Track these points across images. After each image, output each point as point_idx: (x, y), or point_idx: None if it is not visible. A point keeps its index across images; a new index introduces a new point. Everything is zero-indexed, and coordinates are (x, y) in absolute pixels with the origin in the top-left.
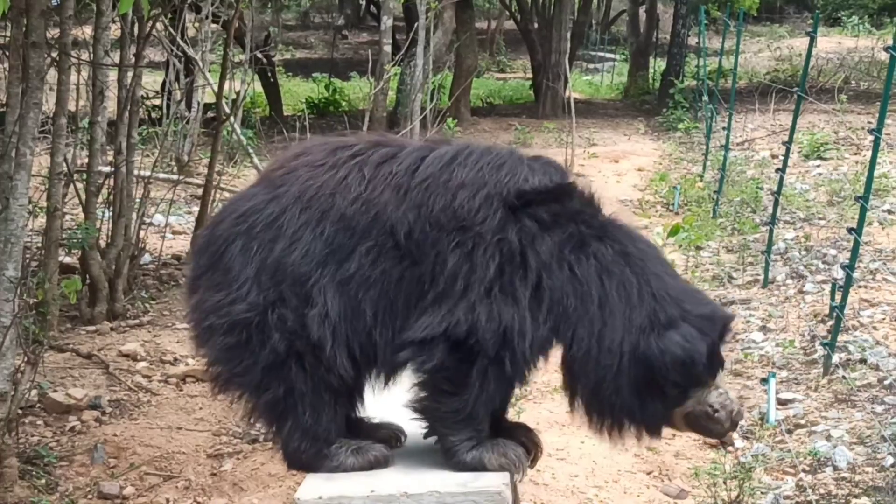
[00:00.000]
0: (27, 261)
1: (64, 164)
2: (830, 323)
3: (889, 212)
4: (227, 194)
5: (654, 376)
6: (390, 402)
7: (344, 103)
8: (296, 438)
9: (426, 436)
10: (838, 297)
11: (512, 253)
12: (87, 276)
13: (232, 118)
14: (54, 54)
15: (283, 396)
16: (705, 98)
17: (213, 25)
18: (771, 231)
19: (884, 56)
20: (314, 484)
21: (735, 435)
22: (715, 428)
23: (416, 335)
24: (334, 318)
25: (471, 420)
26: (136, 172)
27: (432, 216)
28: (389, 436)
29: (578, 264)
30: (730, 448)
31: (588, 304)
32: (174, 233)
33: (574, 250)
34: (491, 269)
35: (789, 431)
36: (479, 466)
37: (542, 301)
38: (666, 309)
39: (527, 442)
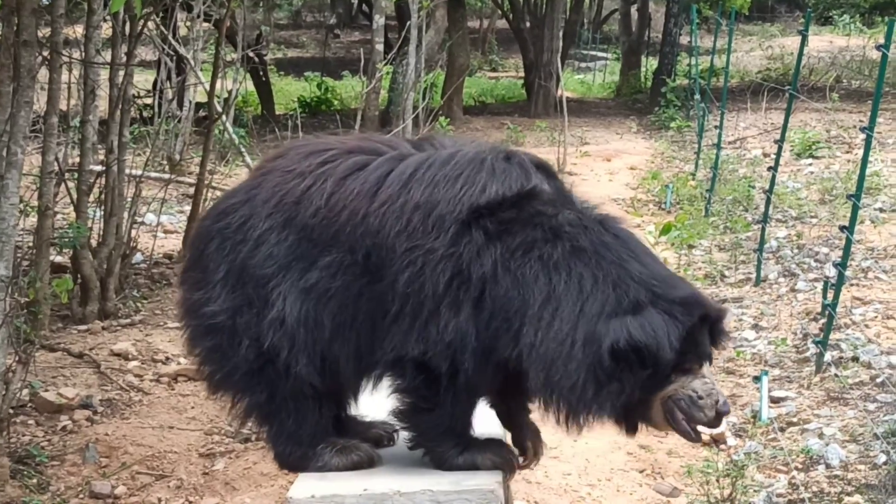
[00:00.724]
0: (18, 260)
1: (55, 163)
2: (822, 321)
3: (881, 210)
4: (218, 193)
5: (611, 361)
6: (384, 400)
7: (336, 102)
8: (281, 441)
9: (412, 448)
10: (830, 296)
11: (460, 267)
12: (79, 276)
13: (224, 117)
14: (45, 53)
15: (265, 401)
16: (697, 97)
17: (205, 24)
18: (763, 229)
19: (875, 55)
20: (307, 483)
21: (728, 433)
22: (697, 415)
23: (387, 357)
24: (291, 325)
25: (452, 430)
26: (127, 171)
27: (388, 241)
28: (381, 435)
29: (522, 268)
30: (722, 446)
31: (530, 303)
32: (166, 232)
33: (521, 255)
34: (440, 286)
35: (782, 429)
36: (472, 468)
37: (483, 310)
38: (629, 294)
39: (535, 443)
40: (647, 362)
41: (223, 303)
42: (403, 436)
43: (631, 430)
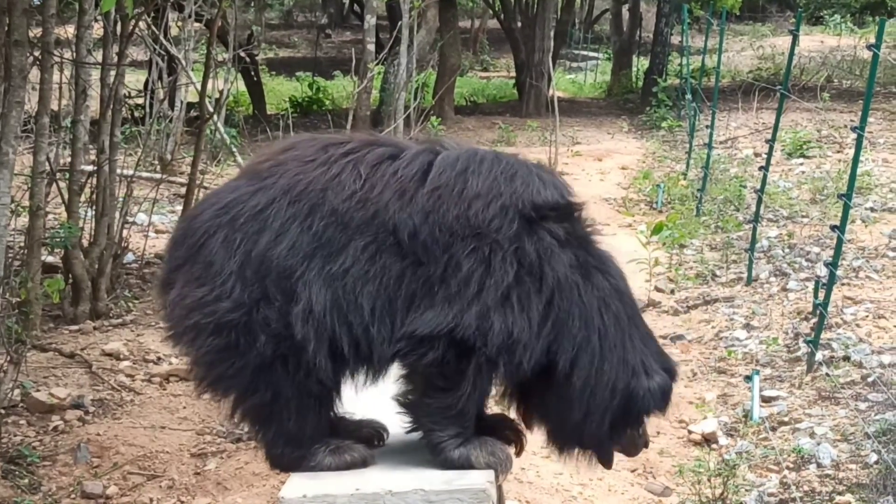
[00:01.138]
0: (9, 260)
1: (46, 163)
2: (814, 320)
3: (872, 209)
4: (210, 191)
5: (630, 415)
6: (372, 399)
7: (327, 102)
8: (279, 444)
9: (410, 430)
10: (822, 295)
11: (531, 264)
12: (70, 276)
13: (215, 117)
14: (37, 53)
15: (270, 401)
16: (688, 96)
17: (196, 24)
18: (754, 229)
19: (866, 54)
20: (298, 482)
21: (719, 433)
22: (637, 450)
23: (422, 330)
24: (319, 314)
25: (460, 417)
26: (118, 171)
27: (444, 223)
28: (371, 434)
29: (584, 290)
30: (714, 446)
31: (591, 334)
32: (157, 232)
33: (581, 275)
34: (510, 276)
35: (773, 429)
36: (465, 464)
37: (548, 317)
38: (647, 353)
39: (510, 434)
40: (647, 416)
41: (238, 298)
42: (401, 423)
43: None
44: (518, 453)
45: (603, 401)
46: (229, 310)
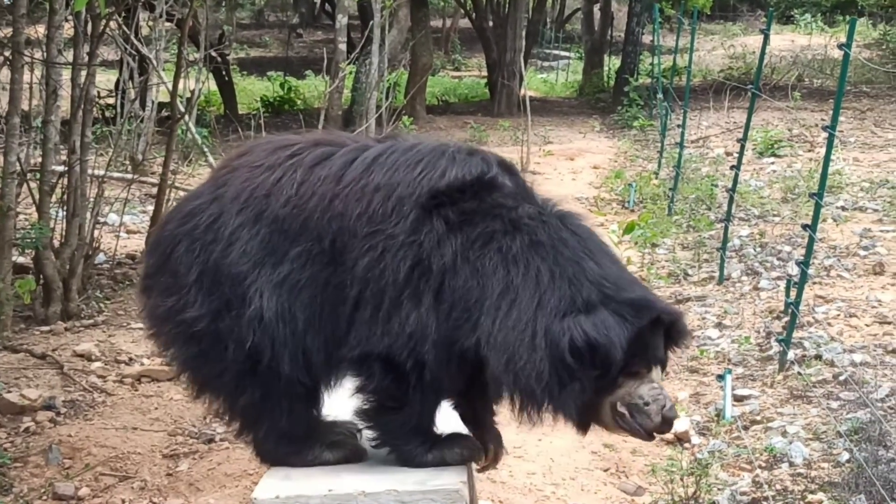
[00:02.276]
0: None
1: (17, 164)
2: (786, 319)
3: (843, 208)
4: (181, 193)
5: (571, 359)
6: (343, 400)
7: (299, 102)
8: (272, 440)
9: (377, 447)
10: (793, 294)
11: (421, 257)
12: (41, 276)
13: (186, 117)
14: (7, 53)
15: (259, 400)
16: (660, 96)
17: (168, 24)
18: (726, 228)
19: (837, 54)
20: (271, 483)
21: (692, 432)
22: (644, 422)
23: (353, 353)
24: (270, 321)
25: (419, 428)
26: (90, 172)
27: (350, 225)
28: (345, 434)
29: (481, 259)
30: (686, 445)
31: (488, 294)
32: (129, 232)
33: (480, 247)
34: (401, 274)
35: (745, 428)
36: (441, 463)
37: (443, 301)
38: (583, 293)
39: (496, 448)
40: (598, 363)
41: (201, 307)
42: (367, 435)
43: (582, 429)
44: (495, 462)
45: (517, 340)
46: (196, 319)
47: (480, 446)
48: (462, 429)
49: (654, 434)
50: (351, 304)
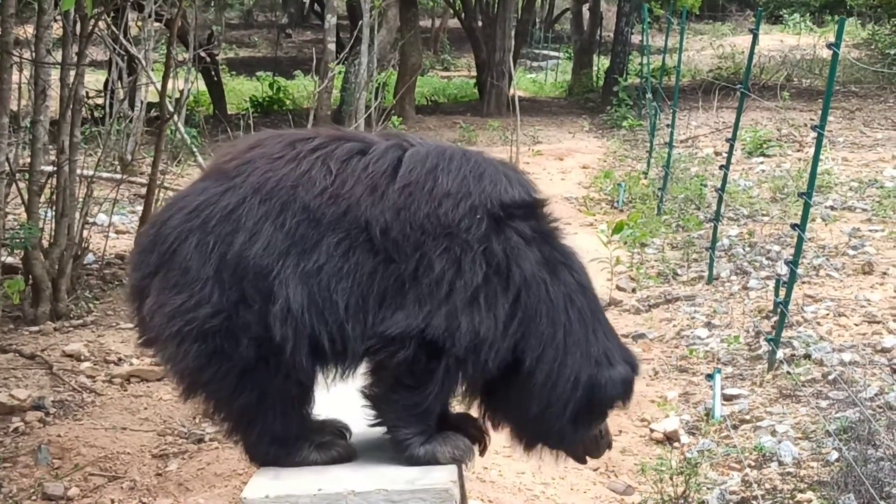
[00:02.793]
0: None
1: (6, 164)
2: (775, 319)
3: (832, 208)
4: (171, 193)
5: (594, 406)
6: (334, 399)
7: (288, 102)
8: (265, 442)
9: (374, 425)
10: (782, 293)
11: (498, 264)
12: (30, 277)
13: (175, 117)
14: None
15: (256, 402)
16: (649, 96)
17: (156, 24)
18: (715, 228)
19: (825, 53)
20: (261, 482)
21: (681, 431)
22: (599, 451)
23: (393, 330)
24: (297, 313)
25: (425, 415)
26: (78, 172)
27: (415, 220)
28: (334, 433)
29: (551, 287)
30: (676, 444)
31: (557, 329)
32: (118, 232)
33: (550, 272)
34: (478, 277)
35: (735, 427)
36: (431, 460)
37: (515, 315)
38: (609, 346)
39: (475, 432)
40: (610, 409)
41: (217, 303)
42: (364, 417)
43: (581, 460)
44: (482, 452)
45: (564, 392)
46: (210, 315)
47: (473, 447)
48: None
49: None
50: (414, 296)
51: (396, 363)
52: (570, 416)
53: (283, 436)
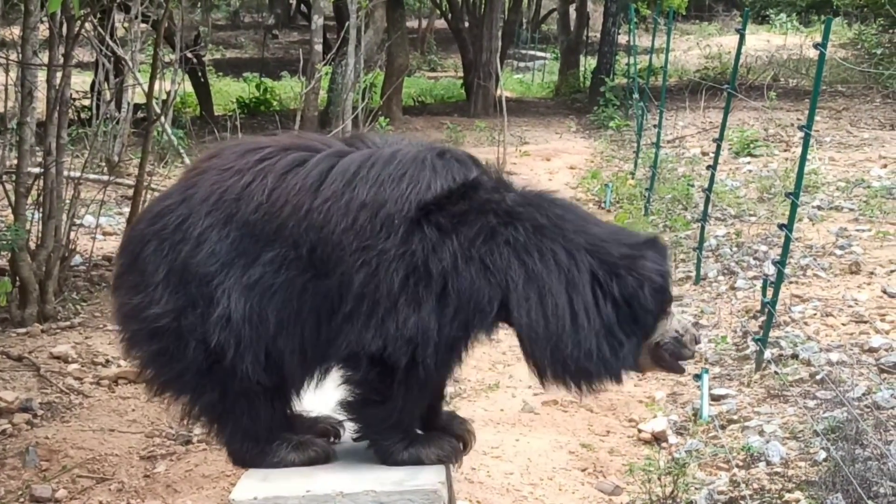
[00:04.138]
0: None
1: None
2: (762, 319)
3: (819, 208)
4: (157, 195)
5: (635, 311)
6: (328, 396)
7: (275, 103)
8: (237, 439)
9: (358, 440)
10: (770, 293)
11: (415, 265)
12: (17, 278)
13: (162, 118)
14: None
15: (218, 399)
16: (636, 96)
17: (143, 25)
18: (702, 228)
19: (812, 53)
20: (249, 484)
21: (669, 431)
22: (684, 353)
23: (340, 353)
24: (237, 322)
25: (400, 424)
26: (65, 173)
27: (334, 237)
28: (327, 430)
29: (490, 255)
30: (664, 444)
31: (511, 288)
32: (105, 234)
33: (484, 243)
34: (395, 284)
35: (722, 427)
36: (416, 463)
37: (447, 305)
38: (611, 251)
39: (462, 433)
40: (660, 304)
41: (165, 305)
42: (350, 428)
43: (620, 380)
44: (465, 450)
45: (560, 326)
46: (159, 316)
47: (459, 448)
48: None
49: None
50: (344, 315)
51: (356, 382)
52: (595, 341)
53: (255, 432)
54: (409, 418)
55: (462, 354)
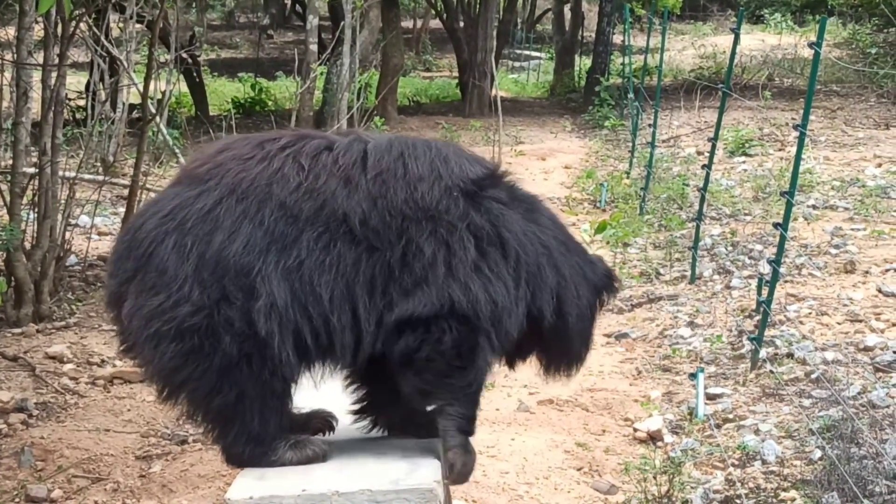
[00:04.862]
0: None
1: None
2: (757, 318)
3: (814, 207)
4: (153, 195)
5: (603, 300)
6: (317, 390)
7: (270, 103)
8: (241, 443)
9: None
10: (765, 292)
11: (488, 234)
12: (13, 278)
13: (157, 118)
14: None
15: (234, 401)
16: (631, 95)
17: (138, 25)
18: (697, 227)
19: (807, 53)
20: (245, 483)
21: (664, 430)
22: None
23: (420, 312)
24: (281, 308)
25: (478, 393)
26: (61, 173)
27: (393, 207)
28: (322, 425)
29: (541, 236)
30: (659, 443)
31: (562, 271)
32: (100, 234)
33: (531, 223)
34: (471, 251)
35: (718, 426)
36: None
37: (520, 277)
38: (578, 250)
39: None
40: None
41: (198, 301)
42: (345, 417)
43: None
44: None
45: (587, 320)
46: (190, 314)
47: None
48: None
49: None
50: (411, 283)
51: (444, 346)
52: (588, 326)
53: (261, 436)
54: (482, 387)
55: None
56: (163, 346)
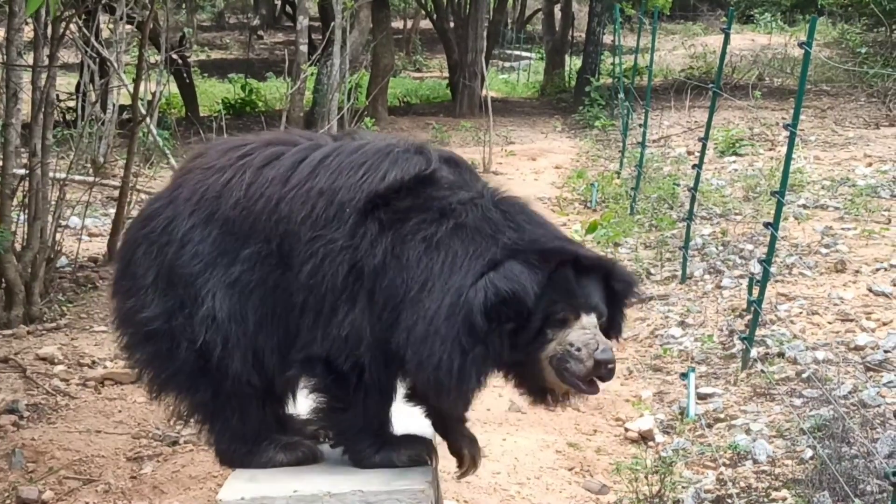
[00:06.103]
0: None
1: None
2: (748, 317)
3: (804, 206)
4: (143, 196)
5: (474, 323)
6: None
7: (260, 104)
8: (226, 439)
9: (333, 446)
10: (755, 292)
11: (356, 260)
12: (3, 280)
13: (148, 119)
14: None
15: (210, 399)
16: (621, 95)
17: (128, 26)
18: (688, 227)
19: (797, 52)
20: (236, 485)
21: (656, 430)
22: (577, 368)
23: (298, 355)
24: (222, 321)
25: (367, 429)
26: (51, 175)
27: (295, 228)
28: (318, 431)
29: (407, 252)
30: (651, 443)
31: (411, 286)
32: (90, 235)
33: (408, 240)
34: (339, 279)
35: (709, 426)
36: (389, 465)
37: (376, 303)
38: (495, 259)
39: (471, 451)
40: (512, 314)
41: (156, 308)
42: (325, 441)
43: (539, 400)
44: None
45: (428, 333)
46: (151, 319)
47: (433, 448)
48: (428, 429)
49: (594, 383)
50: (297, 311)
51: (317, 389)
52: (448, 349)
53: (243, 434)
54: (378, 422)
55: (397, 354)
56: (135, 347)
